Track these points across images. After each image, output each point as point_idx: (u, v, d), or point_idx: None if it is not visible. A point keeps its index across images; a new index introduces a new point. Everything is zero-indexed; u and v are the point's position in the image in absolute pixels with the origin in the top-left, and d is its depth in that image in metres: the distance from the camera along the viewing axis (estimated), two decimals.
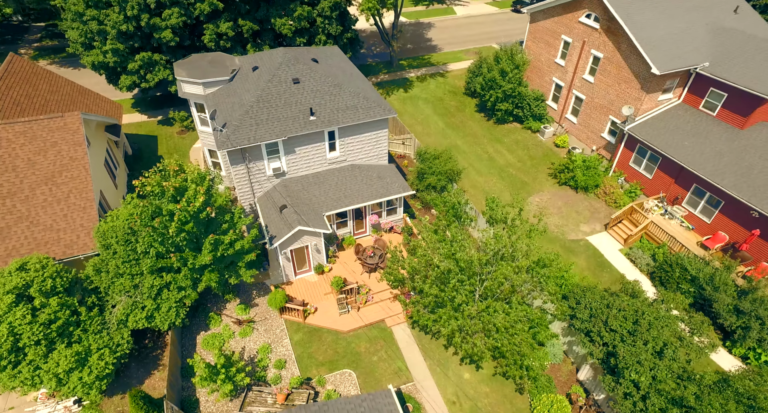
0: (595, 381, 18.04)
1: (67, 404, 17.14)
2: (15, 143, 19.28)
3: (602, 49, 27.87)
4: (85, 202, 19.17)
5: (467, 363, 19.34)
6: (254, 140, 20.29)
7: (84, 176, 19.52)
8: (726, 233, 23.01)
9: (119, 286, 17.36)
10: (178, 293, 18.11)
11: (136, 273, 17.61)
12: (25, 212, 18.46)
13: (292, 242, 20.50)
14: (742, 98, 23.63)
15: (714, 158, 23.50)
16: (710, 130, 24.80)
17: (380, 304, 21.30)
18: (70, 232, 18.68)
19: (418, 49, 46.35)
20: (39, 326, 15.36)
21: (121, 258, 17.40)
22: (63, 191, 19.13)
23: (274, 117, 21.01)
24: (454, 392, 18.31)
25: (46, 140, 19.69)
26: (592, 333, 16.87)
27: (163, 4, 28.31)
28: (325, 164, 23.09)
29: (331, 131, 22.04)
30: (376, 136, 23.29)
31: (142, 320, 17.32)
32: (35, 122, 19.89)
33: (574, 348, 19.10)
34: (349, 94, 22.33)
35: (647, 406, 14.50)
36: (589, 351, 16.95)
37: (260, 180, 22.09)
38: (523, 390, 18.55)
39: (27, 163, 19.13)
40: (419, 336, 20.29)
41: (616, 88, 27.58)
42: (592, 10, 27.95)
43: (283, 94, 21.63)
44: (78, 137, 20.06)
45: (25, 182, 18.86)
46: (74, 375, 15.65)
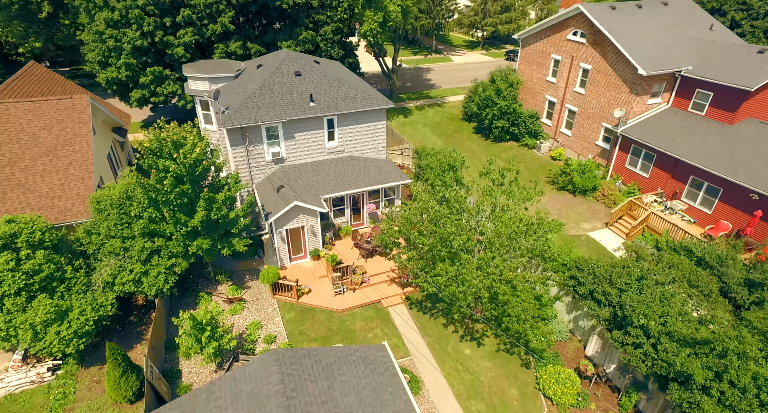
0: (603, 354, 16.90)
1: (40, 371, 16.05)
2: (23, 118, 19.86)
3: (590, 61, 29.29)
4: (84, 173, 19.33)
5: (468, 340, 18.27)
6: (254, 121, 20.83)
7: (85, 151, 19.85)
8: (729, 221, 22.67)
9: (109, 247, 16.98)
10: (169, 260, 17.66)
11: (127, 236, 17.32)
12: (23, 179, 18.58)
13: (287, 220, 20.27)
14: (727, 95, 24.41)
15: (707, 150, 23.80)
16: (701, 127, 25.34)
17: (377, 286, 20.57)
18: (66, 200, 18.65)
19: (417, 86, 48.66)
20: (21, 274, 14.90)
21: (113, 220, 17.21)
22: (63, 162, 19.37)
23: (275, 102, 21.73)
24: (454, 366, 17.12)
25: (53, 117, 20.28)
26: (596, 293, 16.11)
27: (178, 24, 30.38)
28: (323, 154, 23.44)
29: (330, 119, 22.63)
30: (374, 127, 23.86)
31: (129, 283, 16.74)
32: (44, 101, 20.63)
33: (580, 323, 18.12)
34: (348, 87, 23.25)
35: (658, 352, 13.48)
36: (595, 315, 16.07)
37: (259, 165, 22.33)
38: (529, 364, 17.34)
39: (31, 137, 19.56)
40: (417, 315, 19.37)
41: (607, 95, 28.60)
42: (578, 27, 29.75)
43: (285, 84, 22.54)
44: (84, 117, 20.67)
45: (27, 153, 19.16)
46: (52, 329, 14.86)
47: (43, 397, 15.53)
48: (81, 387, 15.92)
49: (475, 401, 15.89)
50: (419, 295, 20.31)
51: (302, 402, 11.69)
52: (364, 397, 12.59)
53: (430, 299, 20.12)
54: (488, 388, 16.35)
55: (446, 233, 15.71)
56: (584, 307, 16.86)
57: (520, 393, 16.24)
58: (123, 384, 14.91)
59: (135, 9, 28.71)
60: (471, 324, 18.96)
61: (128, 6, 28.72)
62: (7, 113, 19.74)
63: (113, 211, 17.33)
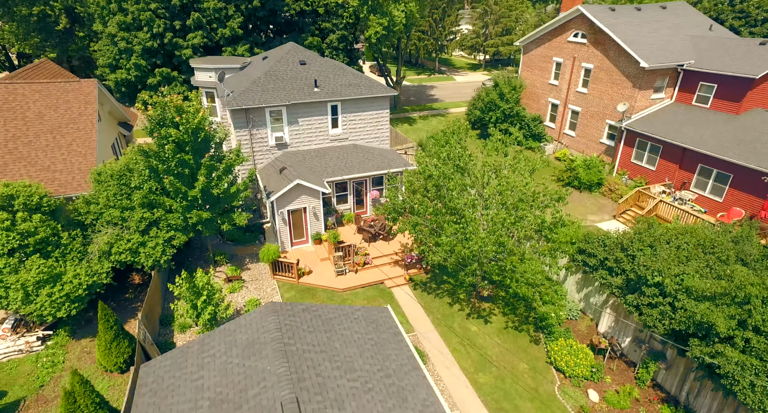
0: (617, 329, 16.11)
1: (30, 340, 15.42)
2: (29, 98, 20.05)
3: (592, 60, 29.59)
4: (86, 150, 19.29)
5: (474, 318, 17.51)
6: (259, 103, 20.92)
7: (89, 129, 19.89)
8: (741, 207, 22.15)
9: (107, 217, 16.68)
10: (167, 232, 17.31)
11: (126, 207, 17.05)
12: (25, 153, 18.54)
13: (289, 201, 19.98)
14: (732, 85, 24.40)
15: (715, 138, 23.56)
16: (707, 118, 25.22)
17: (380, 268, 19.99)
18: (67, 173, 18.53)
19: (421, 100, 49.29)
20: (16, 235, 14.58)
21: (112, 191, 17.00)
22: (66, 139, 19.38)
23: (279, 87, 21.91)
24: (460, 341, 16.32)
25: (59, 98, 20.46)
26: (607, 262, 15.50)
27: (187, 27, 31.21)
28: (327, 141, 23.39)
29: (334, 105, 22.71)
30: (378, 115, 23.90)
31: (126, 252, 16.31)
32: (52, 83, 20.88)
33: (591, 300, 17.38)
34: (352, 75, 23.49)
35: (676, 309, 12.77)
36: (607, 283, 15.41)
37: (262, 149, 22.26)
38: (538, 341, 16.51)
39: (37, 115, 19.67)
40: (421, 295, 18.69)
41: (610, 92, 28.70)
42: (578, 28, 30.25)
43: (290, 72, 22.80)
44: (90, 98, 20.84)
45: (31, 129, 19.21)
46: (44, 291, 14.39)
47: (30, 366, 14.85)
48: (70, 357, 15.25)
49: (483, 374, 15.04)
50: (423, 277, 19.70)
51: (300, 349, 11.07)
52: (366, 350, 11.93)
53: (435, 281, 19.49)
54: (496, 362, 15.51)
55: (449, 194, 15.34)
56: (595, 279, 16.20)
57: (530, 367, 15.38)
58: (114, 349, 14.26)
59: (147, 12, 29.56)
60: (477, 303, 18.25)
61: (141, 9, 29.58)
62: (15, 93, 19.95)
63: (113, 182, 17.14)
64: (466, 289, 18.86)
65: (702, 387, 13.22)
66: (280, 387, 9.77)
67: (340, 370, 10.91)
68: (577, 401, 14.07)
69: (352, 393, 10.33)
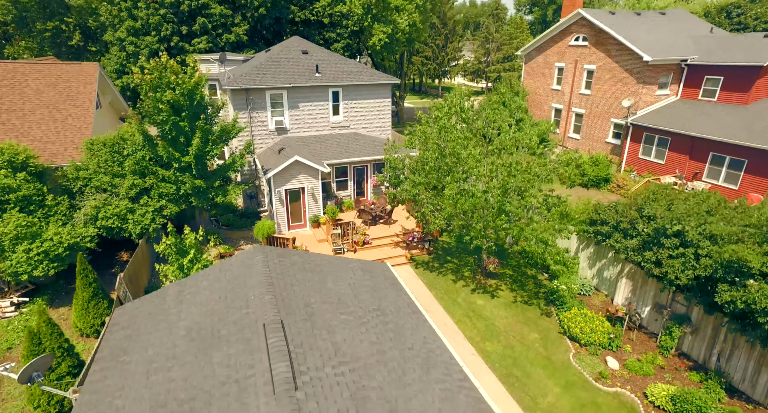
0: (634, 298, 14.88)
1: (3, 305, 14.40)
2: (29, 76, 19.97)
3: (594, 61, 29.61)
4: (82, 124, 18.95)
5: (480, 293, 16.36)
6: (259, 84, 20.74)
7: (87, 106, 19.64)
8: (758, 193, 21.24)
9: (96, 182, 16.07)
10: (158, 201, 16.61)
11: (116, 174, 16.47)
12: (18, 125, 18.18)
13: (287, 179, 19.35)
14: (739, 75, 24.11)
15: (725, 126, 22.99)
16: (715, 110, 24.76)
17: (380, 249, 19.03)
18: (59, 145, 18.07)
19: None
20: None
21: (104, 157, 16.49)
22: (62, 114, 19.09)
23: (281, 71, 21.80)
24: (465, 313, 15.13)
25: (59, 77, 20.38)
26: (622, 224, 14.53)
27: (194, 32, 31.81)
28: (328, 128, 23.03)
29: (335, 91, 22.52)
30: (380, 104, 23.63)
31: (113, 217, 15.56)
32: (53, 64, 20.90)
33: (605, 274, 16.24)
34: (353, 65, 23.46)
35: (699, 256, 11.70)
36: (623, 247, 14.37)
37: (262, 134, 21.87)
38: (550, 314, 15.27)
39: (34, 91, 19.51)
40: (424, 274, 17.61)
41: (614, 90, 28.50)
42: (579, 32, 30.51)
43: (292, 59, 22.80)
44: (91, 79, 20.76)
45: (27, 105, 18.97)
46: (21, 247, 13.56)
47: (0, 330, 13.77)
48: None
49: (490, 343, 13.77)
50: (426, 257, 18.68)
51: (288, 283, 10.10)
52: (361, 292, 10.90)
53: (438, 261, 18.45)
54: (504, 332, 14.25)
55: (451, 144, 14.66)
56: (608, 247, 15.14)
57: (541, 337, 14.10)
58: (92, 309, 13.23)
59: (156, 16, 30.21)
60: (483, 279, 17.13)
61: (150, 14, 30.25)
62: (14, 71, 19.91)
63: (106, 149, 16.67)
64: (471, 267, 17.80)
65: (734, 347, 11.92)
66: (264, 312, 8.76)
67: (332, 305, 9.88)
68: (594, 368, 12.72)
69: (343, 325, 9.26)
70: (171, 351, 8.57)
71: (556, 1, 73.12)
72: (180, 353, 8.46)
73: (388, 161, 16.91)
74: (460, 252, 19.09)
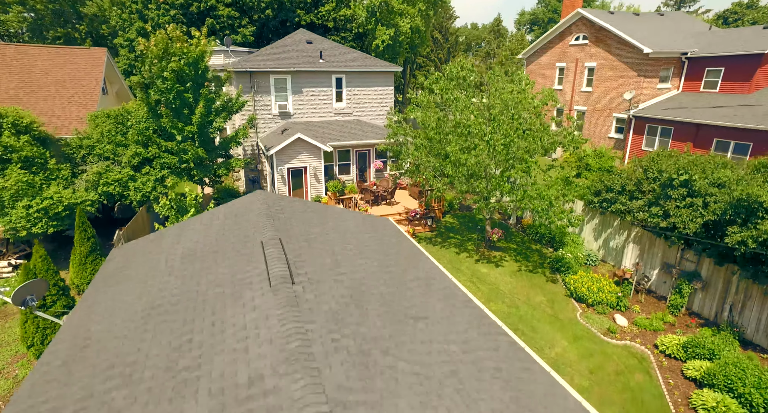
0: (642, 263, 14.55)
1: (1, 264, 14.22)
2: (38, 57, 20.35)
3: (595, 58, 29.96)
4: (87, 101, 19.16)
5: (484, 263, 16.05)
6: (264, 67, 21.02)
7: (93, 86, 19.92)
8: None
9: (99, 150, 16.14)
10: (160, 171, 16.61)
11: (119, 143, 16.55)
12: (25, 100, 18.40)
13: (290, 157, 19.37)
14: (740, 65, 24.27)
15: (728, 112, 22.99)
16: (717, 100, 24.84)
17: None
18: (64, 119, 18.24)
19: None
20: (0, 147, 13.97)
21: (108, 127, 16.61)
22: (69, 92, 19.35)
23: (285, 57, 22.14)
24: (469, 278, 14.80)
25: (68, 59, 20.77)
26: (627, 186, 14.37)
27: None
28: (330, 114, 23.18)
29: (338, 78, 22.77)
30: (383, 92, 23.85)
31: (114, 183, 15.55)
32: (62, 48, 21.32)
33: (611, 244, 15.94)
34: (357, 54, 23.80)
35: (707, 204, 11.46)
36: (628, 209, 14.15)
37: (266, 118, 22.02)
38: (556, 280, 14.92)
39: (43, 71, 19.84)
40: (426, 247, 17.35)
41: (615, 86, 28.71)
42: (579, 31, 31.00)
43: (296, 47, 23.17)
44: (98, 62, 21.12)
45: (36, 83, 19.27)
46: (21, 203, 13.50)
47: None
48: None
49: (495, 303, 13.41)
50: (429, 234, 18.45)
51: (287, 217, 9.95)
52: (364, 232, 10.69)
53: (441, 237, 18.20)
54: (510, 295, 13.90)
55: (453, 105, 14.67)
56: (614, 210, 14.90)
57: (548, 299, 13.73)
58: (89, 265, 13.05)
59: (166, 16, 30.98)
60: (487, 251, 16.84)
61: (161, 14, 31.03)
62: (25, 52, 20.31)
63: (110, 120, 16.81)
64: (475, 241, 17.55)
65: (747, 298, 11.55)
66: (263, 233, 8.59)
67: (333, 235, 9.69)
68: (602, 325, 12.32)
69: (344, 251, 9.05)
70: (167, 269, 8.38)
71: (555, 20, 74.64)
72: (176, 269, 8.27)
73: (390, 127, 16.90)
74: (463, 230, 18.86)
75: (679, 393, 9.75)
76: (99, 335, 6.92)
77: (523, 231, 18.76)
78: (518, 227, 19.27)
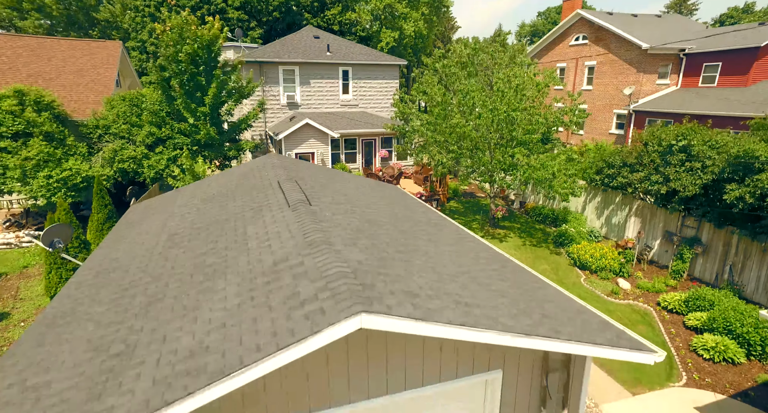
0: (645, 231, 14.88)
1: (20, 234, 14.66)
2: (57, 48, 21.12)
3: (595, 57, 30.68)
4: (103, 88, 19.82)
5: (488, 239, 16.38)
6: (273, 57, 21.73)
7: (109, 74, 20.61)
8: None
9: (114, 129, 16.70)
10: (173, 151, 17.14)
11: (134, 123, 17.11)
12: (44, 85, 18.95)
13: (298, 143, 19.90)
14: (737, 59, 24.87)
15: (728, 104, 23.50)
16: (716, 94, 25.36)
17: None
18: (81, 103, 18.86)
19: None
20: (23, 121, 14.55)
21: (123, 109, 17.20)
22: (85, 79, 20.03)
23: (293, 50, 22.88)
24: None
25: (85, 50, 21.52)
26: (628, 160, 14.79)
27: None
28: (337, 105, 23.80)
29: (345, 71, 23.46)
30: (388, 85, 24.51)
31: (129, 160, 16.09)
32: (79, 40, 22.11)
33: (614, 220, 16.28)
34: (363, 48, 24.55)
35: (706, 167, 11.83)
36: (628, 182, 14.54)
37: (274, 108, 22.64)
38: (560, 253, 15.23)
39: (62, 60, 20.57)
40: None
41: (615, 82, 29.33)
42: (579, 31, 31.80)
43: (304, 42, 23.94)
44: (114, 53, 21.88)
45: (54, 71, 19.97)
46: (42, 173, 14.00)
47: (18, 254, 13.98)
48: None
49: None
50: None
51: (301, 169, 10.41)
52: (373, 188, 11.10)
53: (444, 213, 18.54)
54: None
55: (456, 82, 15.21)
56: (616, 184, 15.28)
57: (552, 268, 14.03)
58: (106, 231, 13.44)
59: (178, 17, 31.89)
60: (492, 229, 17.19)
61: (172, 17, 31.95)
62: (44, 44, 21.07)
63: (126, 102, 17.41)
64: (480, 221, 17.91)
65: (746, 258, 11.84)
66: (277, 175, 9.04)
67: (344, 184, 10.10)
68: (605, 288, 12.60)
69: (357, 194, 9.46)
70: (188, 209, 8.78)
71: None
72: (197, 206, 8.69)
73: (396, 106, 17.43)
74: (467, 213, 19.24)
75: (681, 340, 10.00)
76: (125, 259, 7.30)
77: (526, 214, 19.13)
78: (521, 210, 19.64)
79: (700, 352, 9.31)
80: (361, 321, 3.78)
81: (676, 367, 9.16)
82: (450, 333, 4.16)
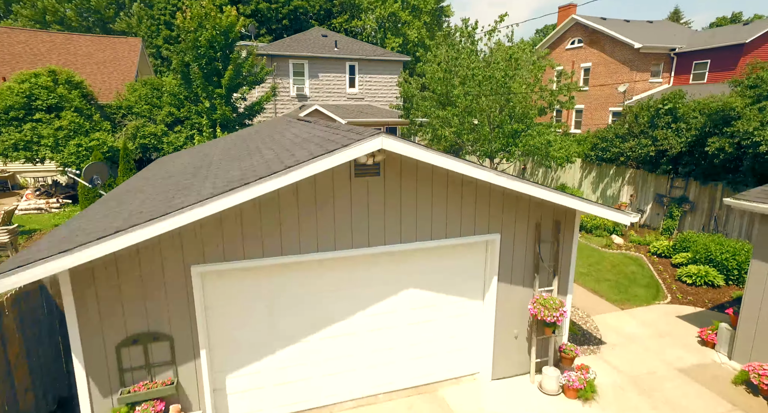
0: (635, 203, 15.74)
1: (50, 200, 15.63)
2: (82, 43, 22.54)
3: (590, 58, 32.06)
4: (125, 77, 21.10)
5: None
6: (284, 51, 23.06)
7: (130, 66, 21.94)
8: None
9: (136, 108, 17.84)
10: (190, 131, 18.24)
11: (155, 105, 18.26)
12: None
13: None
14: (724, 55, 26.16)
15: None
16: (707, 89, 26.51)
17: None
18: (105, 90, 20.10)
19: None
20: (56, 95, 15.70)
21: (145, 91, 18.38)
22: (108, 69, 21.35)
23: (303, 46, 24.23)
24: None
25: (107, 45, 22.93)
26: (620, 131, 15.79)
27: None
28: (344, 98, 25.02)
29: (351, 65, 24.76)
30: (392, 80, 25.77)
31: (150, 136, 17.16)
32: (104, 37, 23.55)
33: (608, 192, 17.16)
34: (369, 45, 25.91)
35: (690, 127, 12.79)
36: (620, 151, 15.49)
37: (284, 100, 23.85)
38: None
39: (86, 53, 21.95)
40: None
41: (610, 82, 30.60)
42: (574, 36, 33.29)
43: (312, 39, 25.34)
44: (135, 48, 23.27)
45: (80, 62, 21.33)
46: (73, 142, 15.07)
47: (48, 217, 14.90)
48: None
49: None
50: None
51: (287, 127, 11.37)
52: None
53: None
54: None
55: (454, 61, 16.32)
56: (608, 156, 16.24)
57: None
58: None
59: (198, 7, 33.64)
60: None
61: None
62: (70, 40, 22.50)
63: (146, 87, 18.60)
64: None
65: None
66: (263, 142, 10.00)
67: None
68: (601, 242, 13.42)
69: None
70: (184, 160, 9.73)
71: None
72: (195, 156, 9.64)
73: (400, 85, 18.52)
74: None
75: (668, 275, 10.78)
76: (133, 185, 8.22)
77: None
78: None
79: (684, 279, 10.10)
80: (382, 142, 4.74)
81: (662, 292, 9.92)
82: (451, 164, 5.14)
